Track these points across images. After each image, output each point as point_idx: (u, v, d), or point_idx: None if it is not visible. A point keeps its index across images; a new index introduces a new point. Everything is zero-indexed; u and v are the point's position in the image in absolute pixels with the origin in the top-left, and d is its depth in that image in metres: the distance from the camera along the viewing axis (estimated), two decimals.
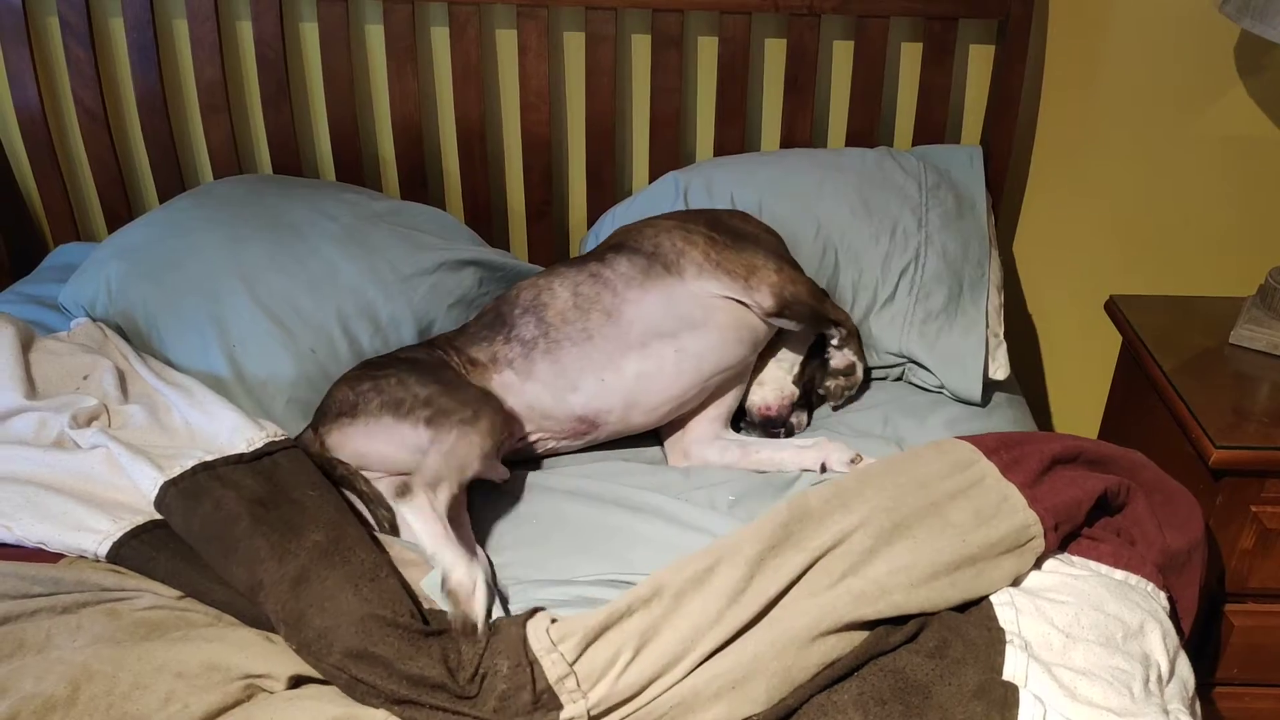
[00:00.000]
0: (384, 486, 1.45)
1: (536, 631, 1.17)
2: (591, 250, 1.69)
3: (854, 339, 1.72)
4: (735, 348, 1.59)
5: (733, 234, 1.64)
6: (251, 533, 1.24)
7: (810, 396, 1.74)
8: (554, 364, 1.55)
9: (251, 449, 1.38)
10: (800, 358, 1.72)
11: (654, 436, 1.69)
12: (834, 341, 1.70)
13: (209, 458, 1.36)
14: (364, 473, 1.48)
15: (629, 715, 1.12)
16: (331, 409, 1.52)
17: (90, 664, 1.12)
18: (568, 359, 1.55)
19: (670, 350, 1.56)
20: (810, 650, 1.15)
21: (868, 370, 1.77)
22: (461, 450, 1.39)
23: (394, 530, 1.44)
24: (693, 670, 1.14)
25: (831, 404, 1.74)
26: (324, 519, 1.28)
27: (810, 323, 1.65)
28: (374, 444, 1.47)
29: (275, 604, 1.19)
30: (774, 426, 1.67)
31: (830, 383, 1.72)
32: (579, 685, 1.13)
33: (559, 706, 1.12)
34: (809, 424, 1.73)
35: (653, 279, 1.58)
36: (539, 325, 1.57)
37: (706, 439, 1.63)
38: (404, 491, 1.33)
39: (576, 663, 1.14)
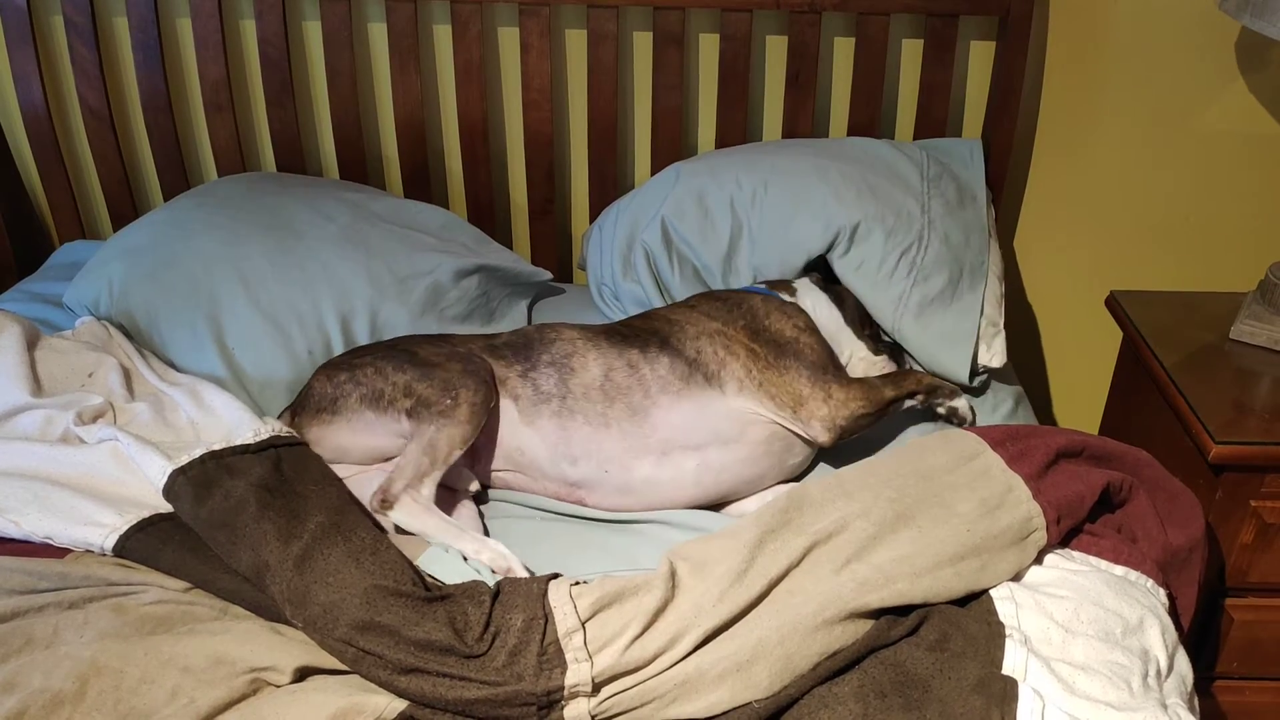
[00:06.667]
0: (366, 502, 1.40)
1: (558, 586, 1.19)
2: (633, 322, 1.61)
3: (936, 394, 1.62)
4: (765, 460, 1.51)
5: (774, 345, 1.54)
6: (259, 517, 1.25)
7: (896, 348, 1.73)
8: (561, 429, 1.47)
9: (258, 439, 1.40)
10: (866, 330, 1.71)
11: None
12: (919, 409, 1.62)
13: (217, 446, 1.38)
14: (346, 465, 1.49)
15: (632, 689, 1.12)
16: (310, 403, 1.51)
17: (98, 659, 1.13)
18: (577, 434, 1.47)
19: (691, 463, 1.47)
20: (813, 638, 1.15)
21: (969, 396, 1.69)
22: (442, 443, 1.40)
23: None
24: (696, 649, 1.14)
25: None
26: (326, 504, 1.30)
27: (882, 417, 1.55)
28: (357, 438, 1.47)
29: (281, 584, 1.20)
30: None
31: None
32: (585, 644, 1.13)
33: (564, 667, 1.12)
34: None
35: (692, 388, 1.49)
36: (560, 385, 1.49)
37: None
38: (387, 503, 1.36)
39: (589, 621, 1.15)
